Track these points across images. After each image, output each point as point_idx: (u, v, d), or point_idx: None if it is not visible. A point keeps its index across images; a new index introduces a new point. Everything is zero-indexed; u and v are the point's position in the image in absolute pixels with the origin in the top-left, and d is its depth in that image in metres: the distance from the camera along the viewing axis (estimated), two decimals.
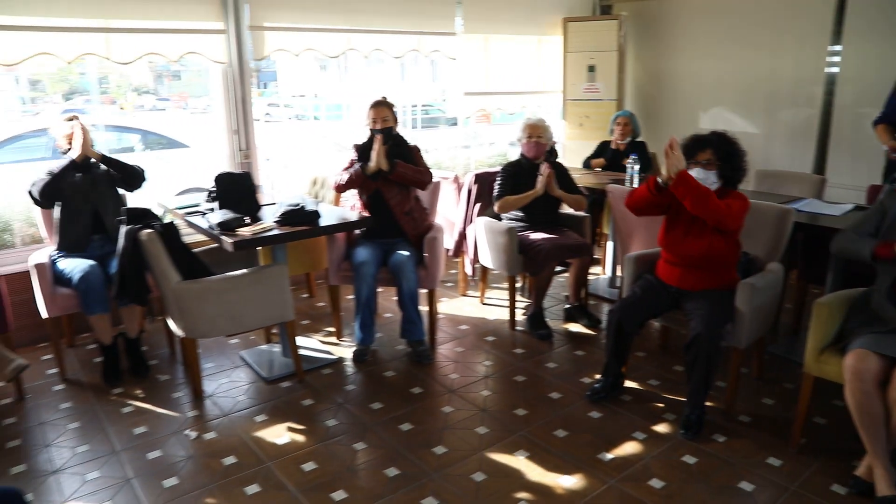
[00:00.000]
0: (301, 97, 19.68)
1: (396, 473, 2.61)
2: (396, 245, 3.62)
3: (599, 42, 5.89)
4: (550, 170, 3.82)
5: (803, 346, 2.66)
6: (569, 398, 3.17)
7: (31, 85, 13.64)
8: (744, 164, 2.87)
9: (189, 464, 2.72)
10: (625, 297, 3.08)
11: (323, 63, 23.45)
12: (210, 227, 3.18)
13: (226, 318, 3.12)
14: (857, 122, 4.68)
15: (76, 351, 3.83)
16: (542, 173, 3.80)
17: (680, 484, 2.50)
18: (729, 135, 2.88)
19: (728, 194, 2.85)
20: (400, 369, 3.53)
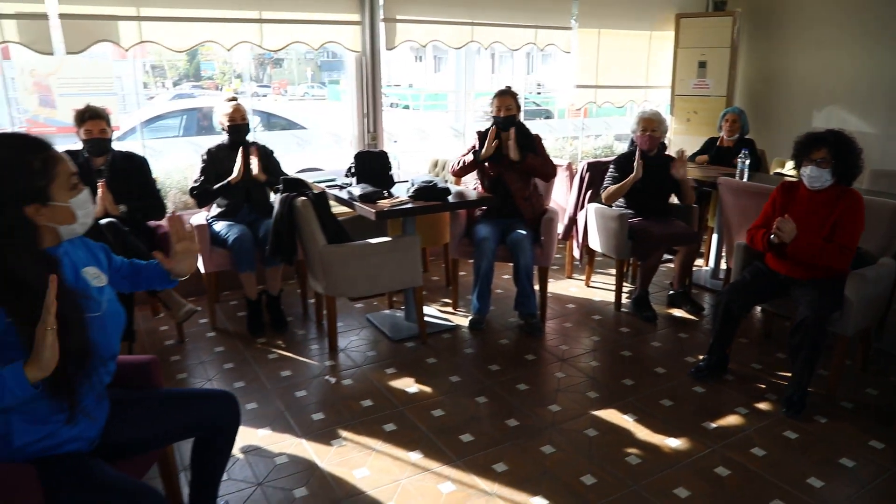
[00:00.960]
0: (396, 86, 20.30)
1: (516, 424, 2.92)
2: (514, 224, 3.91)
3: (712, 38, 5.96)
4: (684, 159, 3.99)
5: None
6: (673, 374, 3.39)
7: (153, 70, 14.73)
8: (859, 162, 2.97)
9: (331, 403, 3.12)
10: (734, 282, 3.27)
11: (419, 53, 24.01)
12: (352, 198, 3.58)
13: (364, 279, 3.51)
14: None
15: (221, 306, 4.34)
16: (675, 168, 3.97)
17: (780, 454, 2.70)
18: (845, 133, 2.98)
19: (842, 194, 2.97)
20: (512, 339, 3.84)
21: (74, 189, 1.63)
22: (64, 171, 1.61)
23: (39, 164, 1.56)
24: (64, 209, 1.60)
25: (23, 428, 1.62)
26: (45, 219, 1.58)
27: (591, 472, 2.57)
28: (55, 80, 4.07)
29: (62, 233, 1.64)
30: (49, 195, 1.57)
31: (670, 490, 2.46)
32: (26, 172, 1.54)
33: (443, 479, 2.53)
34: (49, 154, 1.59)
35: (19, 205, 1.54)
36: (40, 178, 1.56)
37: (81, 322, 1.57)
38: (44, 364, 1.41)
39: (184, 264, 1.95)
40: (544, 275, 4.05)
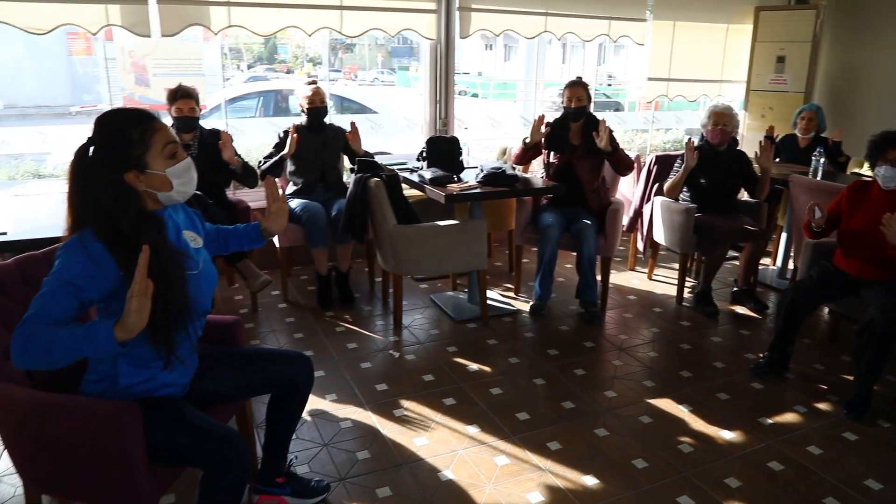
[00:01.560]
0: (465, 74, 20.39)
1: (571, 406, 3.00)
2: (579, 214, 3.97)
3: (792, 32, 5.81)
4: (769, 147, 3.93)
5: None
6: (732, 369, 3.40)
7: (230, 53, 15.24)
8: None
9: (394, 375, 3.27)
10: (800, 279, 3.25)
11: (489, 42, 24.01)
12: (423, 181, 3.71)
13: (430, 259, 3.64)
14: None
15: (292, 280, 4.55)
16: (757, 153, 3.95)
17: (838, 454, 2.69)
18: None
19: None
20: (572, 326, 3.91)
21: (172, 158, 1.77)
22: (160, 142, 1.74)
23: (137, 135, 1.71)
24: (160, 177, 1.75)
25: (127, 371, 1.82)
26: (143, 185, 1.73)
27: (643, 457, 2.63)
28: (150, 60, 4.34)
29: (161, 199, 1.79)
30: (145, 163, 1.72)
31: (721, 479, 2.51)
32: (125, 142, 1.71)
33: (498, 453, 2.65)
34: (147, 126, 1.73)
35: (120, 171, 1.70)
36: (137, 148, 1.71)
37: (182, 278, 1.75)
38: (129, 327, 1.50)
39: (277, 223, 2.15)
40: (607, 265, 4.10)
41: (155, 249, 1.62)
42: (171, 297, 1.69)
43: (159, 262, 1.65)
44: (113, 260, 1.64)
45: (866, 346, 2.87)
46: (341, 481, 2.45)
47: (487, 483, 2.46)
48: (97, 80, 11.62)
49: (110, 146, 1.69)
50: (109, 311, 1.72)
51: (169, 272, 1.70)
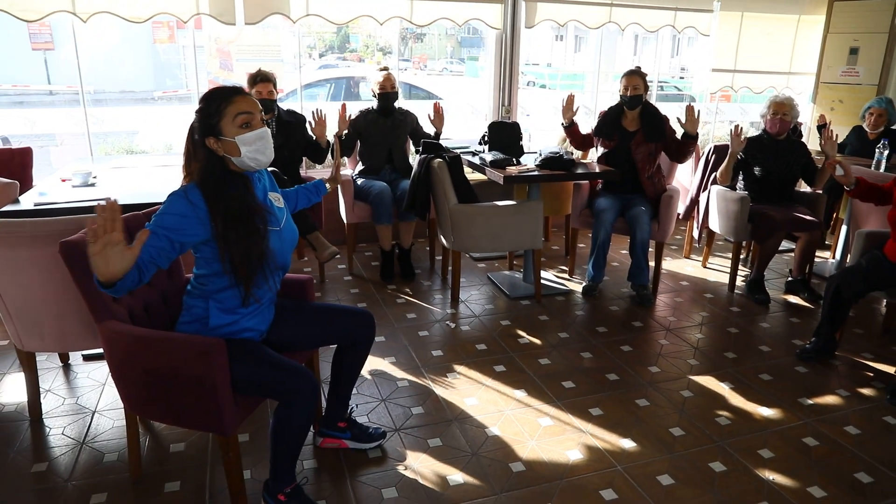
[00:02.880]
0: (535, 65, 20.36)
1: (616, 379, 3.17)
2: (634, 199, 4.09)
3: (867, 23, 5.72)
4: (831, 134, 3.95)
5: None
6: (777, 353, 3.48)
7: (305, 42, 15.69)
8: None
9: (450, 343, 3.51)
10: (848, 266, 3.30)
11: (559, 33, 23.83)
12: (483, 164, 3.92)
13: (488, 238, 3.85)
14: None
15: (357, 255, 4.84)
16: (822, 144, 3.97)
17: (876, 435, 2.77)
18: None
19: None
20: (622, 307, 4.05)
21: (245, 128, 1.99)
22: (232, 112, 1.97)
23: (214, 107, 1.99)
24: (231, 144, 1.99)
25: (216, 314, 2.10)
26: (221, 150, 2.00)
27: (681, 426, 2.78)
28: (234, 47, 4.69)
29: (236, 163, 2.04)
30: (220, 130, 1.98)
31: (755, 450, 2.63)
32: (207, 112, 1.99)
33: (542, 415, 2.84)
34: (224, 98, 1.99)
35: (203, 137, 1.99)
36: (213, 117, 1.98)
37: (265, 231, 2.03)
38: (95, 268, 1.67)
39: (340, 174, 2.85)
40: (660, 250, 4.21)
41: (241, 204, 1.93)
42: (252, 245, 1.98)
43: (242, 215, 1.96)
44: (206, 208, 1.93)
45: None
46: (397, 431, 2.70)
47: (530, 440, 2.66)
48: (179, 67, 12.36)
49: (200, 116, 2.00)
50: (200, 256, 2.03)
51: (257, 225, 1.99)
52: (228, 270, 1.95)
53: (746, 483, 2.43)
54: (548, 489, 2.36)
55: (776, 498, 2.36)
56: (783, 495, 2.37)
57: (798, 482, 2.45)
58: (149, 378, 2.11)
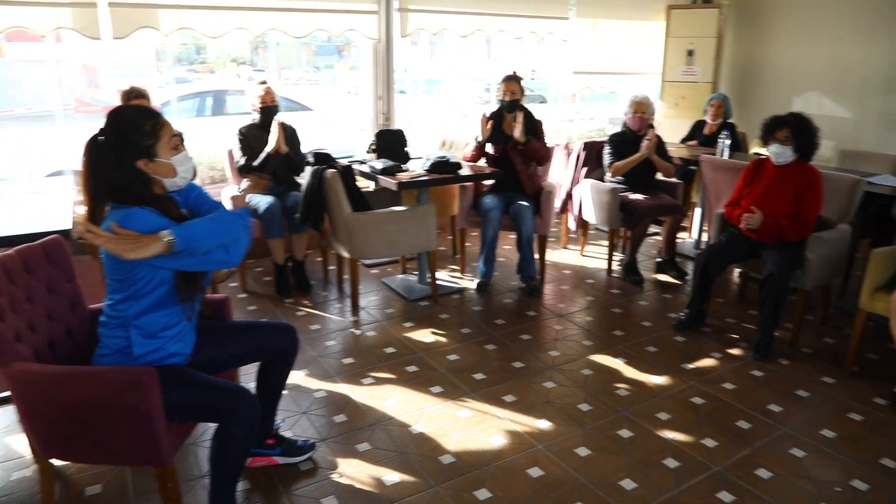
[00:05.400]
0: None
1: (521, 366, 3.38)
2: (517, 197, 4.35)
3: (700, 28, 6.39)
4: (656, 136, 4.45)
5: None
6: (658, 327, 3.86)
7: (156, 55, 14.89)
8: (816, 139, 3.45)
9: (358, 350, 3.57)
10: (710, 244, 3.73)
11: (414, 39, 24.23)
12: (374, 171, 4.01)
13: (384, 244, 3.94)
14: None
15: (248, 272, 4.75)
16: (649, 139, 4.42)
17: (748, 387, 3.17)
18: (804, 115, 3.45)
19: (804, 171, 3.43)
20: (515, 299, 4.29)
21: (176, 149, 2.04)
22: (167, 134, 2.01)
23: (150, 127, 1.97)
24: (167, 165, 2.00)
25: (140, 342, 2.06)
26: (152, 171, 1.99)
27: (587, 402, 3.03)
28: (100, 62, 4.46)
29: (167, 185, 2.04)
30: (155, 152, 1.98)
31: (653, 414, 2.93)
32: (139, 133, 1.96)
33: (460, 407, 2.99)
34: (157, 120, 2.00)
35: (133, 159, 1.95)
36: (149, 138, 1.97)
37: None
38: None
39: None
40: (543, 242, 4.51)
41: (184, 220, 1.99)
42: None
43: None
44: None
45: (766, 297, 3.37)
46: (324, 441, 2.74)
47: (454, 432, 2.80)
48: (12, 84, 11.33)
49: (131, 137, 1.94)
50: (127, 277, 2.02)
51: None
52: (173, 291, 1.95)
53: (651, 444, 2.72)
54: (480, 475, 2.51)
55: (678, 453, 2.65)
56: (683, 450, 2.67)
57: (693, 437, 2.77)
58: (71, 417, 2.02)
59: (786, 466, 2.60)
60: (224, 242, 1.97)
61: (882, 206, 3.95)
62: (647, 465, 2.58)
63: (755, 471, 2.57)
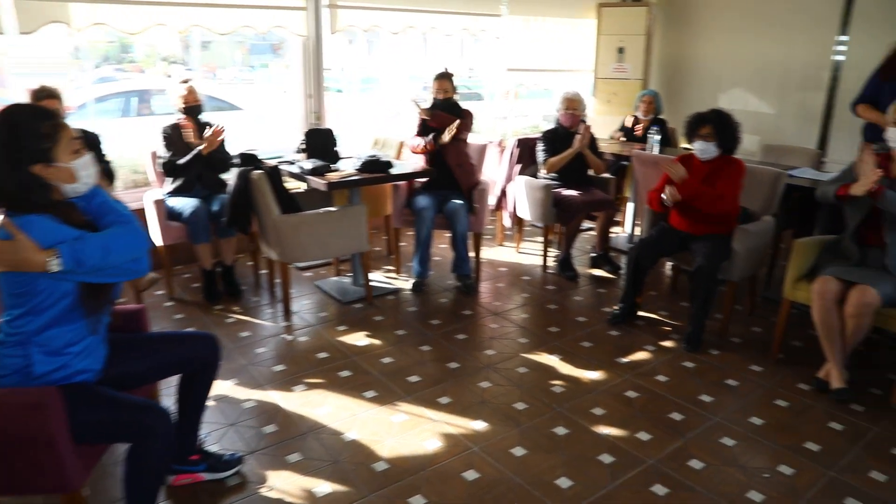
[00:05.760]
0: (327, 70, 20.26)
1: (457, 366, 3.33)
2: (451, 195, 4.30)
3: (629, 26, 6.49)
4: (589, 131, 4.47)
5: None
6: (592, 321, 3.88)
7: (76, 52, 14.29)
8: (738, 135, 3.53)
9: (290, 356, 3.45)
10: (642, 238, 3.76)
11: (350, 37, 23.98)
12: (304, 172, 3.89)
13: (315, 246, 3.84)
14: None
15: (175, 278, 4.56)
16: (580, 133, 4.44)
17: (680, 380, 3.21)
18: (724, 111, 3.53)
19: (728, 162, 3.50)
20: (451, 298, 4.25)
21: (76, 153, 1.90)
22: (67, 137, 1.86)
23: (47, 130, 1.83)
24: (66, 170, 1.86)
25: (41, 360, 1.91)
26: (51, 177, 1.84)
27: (523, 400, 3.01)
28: (5, 59, 4.19)
29: (67, 190, 1.90)
30: (53, 157, 1.84)
31: (589, 410, 2.93)
32: (34, 136, 1.81)
33: (395, 412, 2.92)
34: (55, 121, 1.86)
35: (29, 163, 1.80)
36: (46, 142, 1.82)
37: None
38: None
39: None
40: (478, 240, 4.48)
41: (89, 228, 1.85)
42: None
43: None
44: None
45: (696, 289, 3.43)
46: (252, 454, 2.62)
47: (388, 438, 2.72)
48: None
49: (17, 140, 1.78)
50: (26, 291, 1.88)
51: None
52: (76, 304, 1.79)
53: (587, 440, 2.71)
54: (414, 481, 2.45)
55: (613, 448, 2.66)
56: (618, 445, 2.68)
57: (628, 431, 2.78)
58: None
59: (717, 456, 2.63)
60: (123, 261, 1.86)
61: (802, 198, 4.08)
62: (582, 462, 2.57)
63: (688, 462, 2.59)
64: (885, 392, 3.13)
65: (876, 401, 3.07)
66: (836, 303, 2.96)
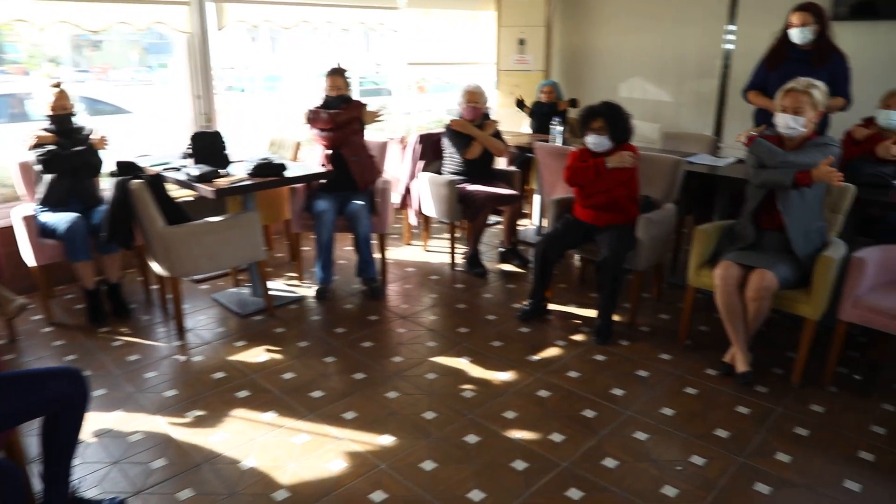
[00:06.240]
0: (231, 69, 19.53)
1: (363, 377, 3.17)
2: (351, 196, 4.12)
3: (529, 18, 6.46)
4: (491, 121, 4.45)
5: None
6: (502, 319, 3.80)
7: None
8: (629, 125, 3.52)
9: (183, 379, 3.19)
10: (548, 232, 3.71)
11: (252, 34, 23.21)
12: (190, 179, 3.62)
13: (206, 258, 3.57)
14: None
15: (55, 300, 4.18)
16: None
17: (591, 374, 3.17)
18: (615, 103, 3.51)
19: (622, 149, 3.48)
20: (356, 303, 4.07)
21: None
22: None
23: None
24: None
25: None
26: None
27: (432, 409, 2.88)
28: None
29: None
30: None
31: (500, 414, 2.83)
32: None
33: (296, 433, 2.73)
34: None
35: None
36: None
37: None
38: None
39: None
40: (383, 241, 4.32)
41: None
42: None
43: None
44: None
45: (603, 280, 3.40)
46: (137, 494, 2.38)
47: (289, 462, 2.53)
48: None
49: None
50: None
51: None
52: None
53: (499, 446, 2.61)
54: None
55: (526, 453, 2.56)
56: (531, 449, 2.59)
57: (540, 433, 2.69)
58: None
59: (630, 452, 2.59)
60: None
61: (702, 184, 4.13)
62: (495, 471, 2.47)
63: (601, 461, 2.53)
64: (786, 371, 3.19)
65: (778, 380, 3.13)
66: (738, 287, 2.98)
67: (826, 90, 3.01)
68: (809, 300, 2.96)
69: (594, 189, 3.51)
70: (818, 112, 2.96)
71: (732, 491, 2.38)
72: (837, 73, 3.87)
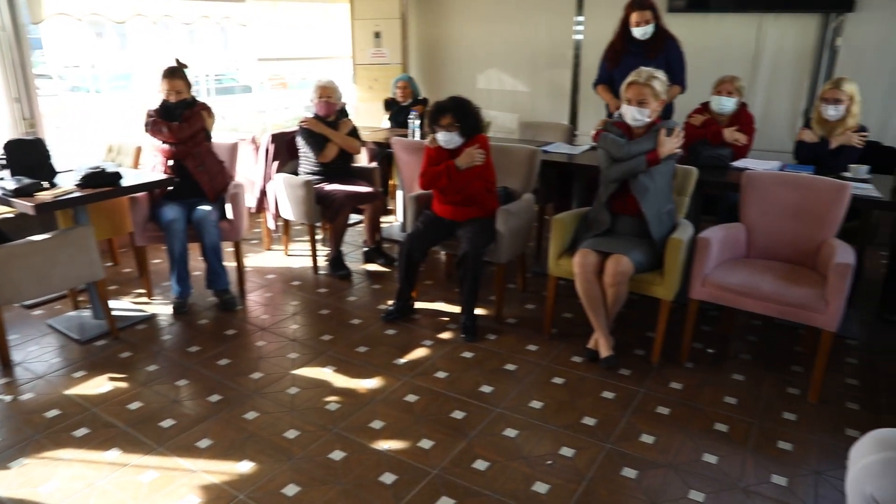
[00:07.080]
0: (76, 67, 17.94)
1: (219, 399, 2.93)
2: (198, 203, 3.83)
3: (383, 10, 6.34)
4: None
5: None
6: (368, 322, 3.67)
7: None
8: (479, 120, 3.49)
9: (9, 423, 2.81)
10: (410, 232, 3.62)
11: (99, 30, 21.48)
12: (5, 194, 3.20)
13: (32, 281, 3.18)
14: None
15: None
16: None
17: (459, 373, 3.11)
18: (463, 98, 3.46)
19: (475, 141, 3.44)
20: (212, 317, 3.80)
21: None
22: None
23: None
24: None
25: None
26: None
27: (294, 427, 2.70)
28: None
29: None
30: None
31: (366, 424, 2.71)
32: None
33: (143, 470, 2.47)
34: None
35: None
36: None
37: None
38: None
39: None
40: (238, 248, 4.05)
41: None
42: None
43: None
44: None
45: (464, 275, 3.35)
46: None
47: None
48: None
49: None
50: None
51: None
52: None
53: (367, 460, 2.49)
54: None
55: (395, 465, 2.46)
56: (400, 459, 2.49)
57: (409, 441, 2.60)
58: None
59: (501, 451, 2.55)
60: None
61: (560, 173, 4.20)
62: (363, 488, 2.34)
63: (472, 464, 2.47)
64: (647, 352, 3.29)
65: (639, 361, 3.22)
66: (596, 274, 3.03)
67: (665, 79, 3.12)
68: (663, 282, 3.06)
69: (451, 189, 3.45)
70: (661, 101, 3.06)
71: (601, 480, 2.39)
72: (672, 59, 4.07)
